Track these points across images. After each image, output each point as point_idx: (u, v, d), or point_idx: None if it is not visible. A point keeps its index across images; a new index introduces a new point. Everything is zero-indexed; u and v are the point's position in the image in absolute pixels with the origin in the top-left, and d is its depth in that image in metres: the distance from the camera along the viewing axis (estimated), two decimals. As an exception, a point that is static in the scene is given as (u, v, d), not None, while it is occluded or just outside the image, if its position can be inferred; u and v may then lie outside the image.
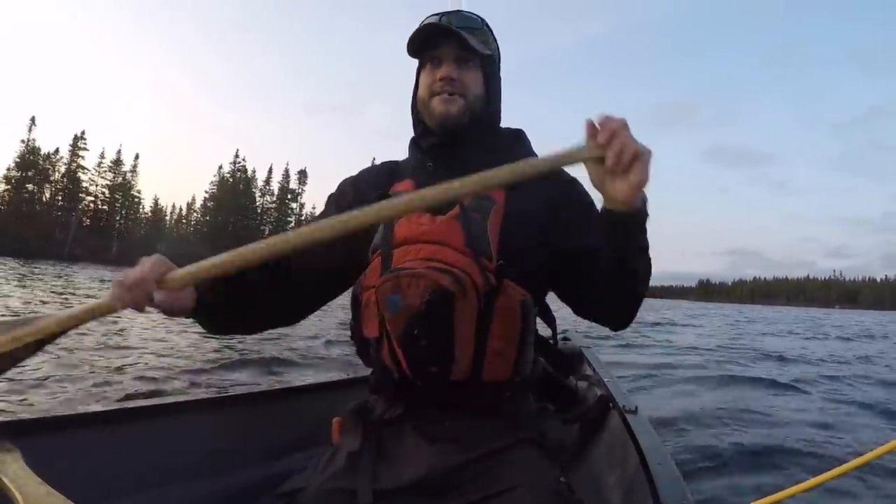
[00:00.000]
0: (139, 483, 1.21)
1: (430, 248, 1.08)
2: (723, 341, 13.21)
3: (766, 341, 14.29)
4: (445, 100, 1.19)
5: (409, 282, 1.02)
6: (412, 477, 1.03)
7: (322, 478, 1.06)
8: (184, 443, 1.32)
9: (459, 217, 1.11)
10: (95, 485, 1.12)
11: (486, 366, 1.07)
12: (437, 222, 1.11)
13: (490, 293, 1.05)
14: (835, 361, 9.80)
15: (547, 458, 1.08)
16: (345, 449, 1.12)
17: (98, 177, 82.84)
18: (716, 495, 2.81)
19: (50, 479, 0.81)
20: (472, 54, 1.20)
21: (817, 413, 4.99)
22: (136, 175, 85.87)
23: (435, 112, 1.20)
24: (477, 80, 1.22)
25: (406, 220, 1.13)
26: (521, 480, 0.99)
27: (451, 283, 1.01)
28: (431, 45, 1.21)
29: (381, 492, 1.02)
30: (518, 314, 1.08)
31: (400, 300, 1.02)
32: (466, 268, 1.04)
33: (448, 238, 1.09)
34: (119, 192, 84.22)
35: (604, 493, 1.36)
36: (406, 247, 1.11)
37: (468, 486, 1.02)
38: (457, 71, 1.19)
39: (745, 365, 8.57)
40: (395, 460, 1.08)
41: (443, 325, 1.02)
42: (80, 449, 1.15)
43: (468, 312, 1.03)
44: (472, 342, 1.05)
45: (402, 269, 1.05)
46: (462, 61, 1.20)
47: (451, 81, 1.18)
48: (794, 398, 5.86)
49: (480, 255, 1.07)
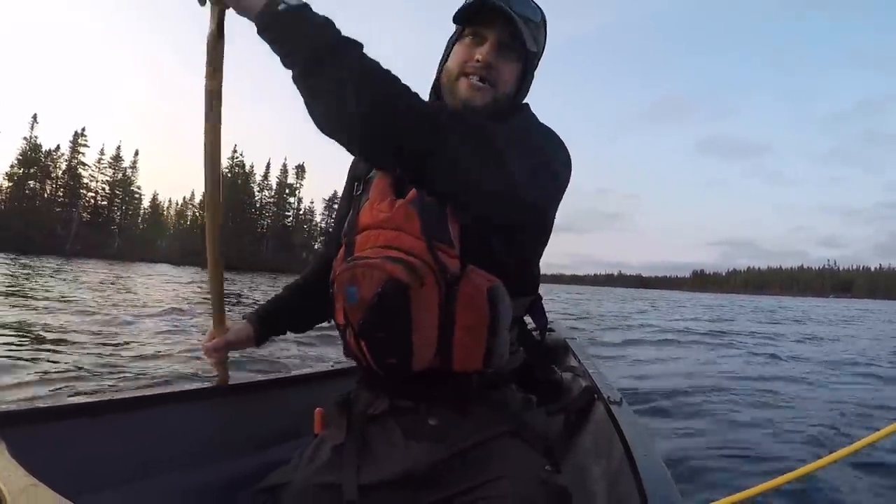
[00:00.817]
0: (124, 474, 1.21)
1: (389, 235, 1.03)
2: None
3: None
4: (475, 85, 1.10)
5: (364, 272, 0.98)
6: (396, 471, 1.04)
7: (307, 472, 1.07)
8: (169, 434, 1.31)
9: (414, 201, 1.04)
10: (81, 476, 1.11)
11: (455, 355, 1.03)
12: (395, 208, 1.05)
13: (452, 282, 1.00)
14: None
15: (531, 449, 1.06)
16: (329, 442, 1.12)
17: (98, 173, 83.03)
18: (701, 485, 2.83)
19: (35, 470, 0.81)
20: (520, 45, 1.11)
21: (811, 403, 5.08)
22: (137, 171, 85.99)
23: (459, 94, 1.12)
24: (513, 74, 1.14)
25: (368, 206, 1.09)
26: (505, 471, 0.99)
27: (404, 274, 0.96)
28: (481, 19, 1.11)
29: (365, 486, 1.02)
30: (485, 302, 1.01)
31: (356, 291, 0.99)
32: (423, 255, 0.99)
33: (404, 225, 1.03)
34: (119, 188, 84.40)
35: (589, 484, 1.35)
36: (367, 233, 1.07)
37: (452, 478, 1.02)
38: (497, 57, 1.10)
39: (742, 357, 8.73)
40: (379, 454, 1.08)
41: (399, 316, 0.98)
42: (66, 440, 1.13)
43: (428, 302, 0.99)
44: (434, 332, 1.01)
45: (359, 258, 1.02)
46: (505, 49, 1.11)
47: (487, 67, 1.10)
48: (789, 386, 6.01)
49: (439, 240, 1.01)
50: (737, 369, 7.20)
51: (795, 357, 9.00)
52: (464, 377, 1.07)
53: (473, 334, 1.02)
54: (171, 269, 42.64)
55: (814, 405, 5.06)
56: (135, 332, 7.03)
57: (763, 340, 11.75)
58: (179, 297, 14.07)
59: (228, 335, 1.32)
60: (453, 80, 1.13)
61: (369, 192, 1.12)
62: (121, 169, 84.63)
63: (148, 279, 23.87)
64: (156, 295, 14.18)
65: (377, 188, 1.11)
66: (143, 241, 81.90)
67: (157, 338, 6.66)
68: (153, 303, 11.54)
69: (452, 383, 1.08)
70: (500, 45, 1.11)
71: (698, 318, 18.08)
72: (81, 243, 72.84)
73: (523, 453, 1.05)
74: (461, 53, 1.13)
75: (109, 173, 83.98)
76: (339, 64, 0.88)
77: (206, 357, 1.34)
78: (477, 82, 1.10)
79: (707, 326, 15.20)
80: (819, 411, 4.77)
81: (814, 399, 5.37)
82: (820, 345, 11.66)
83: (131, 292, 14.65)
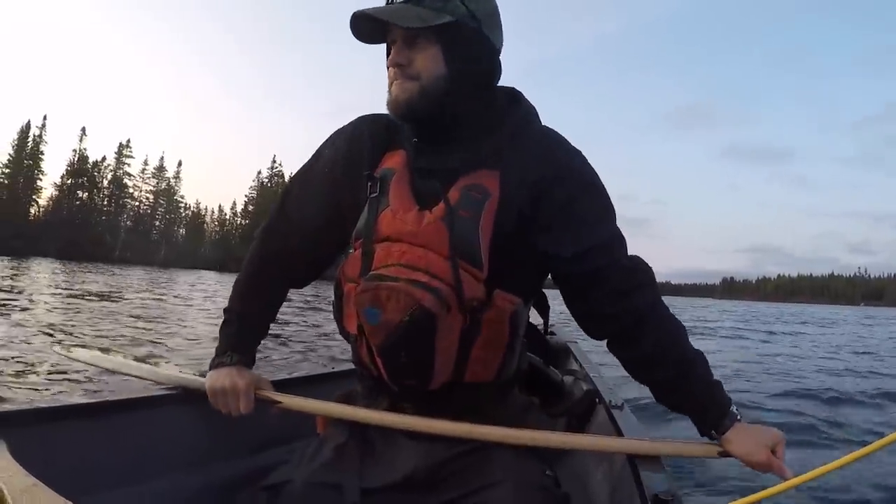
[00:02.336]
0: (126, 475, 1.19)
1: (414, 253, 0.98)
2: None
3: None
4: (394, 86, 1.03)
5: (388, 295, 0.94)
6: (398, 474, 1.03)
7: (308, 471, 1.04)
8: (170, 434, 1.29)
9: (445, 218, 0.99)
10: (81, 477, 1.08)
11: (469, 370, 1.03)
12: (424, 222, 0.99)
13: (477, 309, 0.99)
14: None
15: (532, 453, 1.05)
16: (331, 441, 1.10)
17: (142, 182, 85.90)
18: (704, 490, 2.80)
19: (36, 470, 0.81)
20: (422, 31, 1.00)
21: (812, 405, 5.00)
22: (180, 181, 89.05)
23: (389, 99, 1.04)
24: (433, 58, 1.02)
25: (391, 213, 1.02)
26: (507, 475, 0.98)
27: (433, 303, 0.93)
28: (378, 30, 1.04)
29: (367, 490, 1.01)
30: (507, 326, 1.03)
31: (379, 314, 0.95)
32: (451, 281, 0.96)
33: (433, 242, 0.98)
34: (163, 198, 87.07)
35: (590, 488, 1.35)
36: (388, 244, 1.01)
37: (454, 482, 1.02)
38: (406, 54, 1.02)
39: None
40: (381, 457, 1.07)
41: (423, 344, 0.97)
42: (66, 441, 1.11)
43: (452, 328, 0.98)
44: (454, 354, 1.00)
45: (382, 277, 0.97)
46: (410, 40, 1.01)
47: (399, 67, 1.02)
48: (791, 388, 5.95)
49: (468, 262, 0.98)
50: (744, 373, 7.08)
51: (822, 369, 8.54)
52: (474, 388, 1.07)
53: (491, 353, 1.04)
54: (219, 276, 43.42)
55: (827, 411, 4.98)
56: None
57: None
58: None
59: (248, 390, 1.19)
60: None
61: (388, 197, 1.05)
62: (164, 179, 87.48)
63: (221, 286, 24.83)
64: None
65: (398, 194, 1.05)
66: (186, 249, 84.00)
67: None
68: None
69: (461, 394, 1.07)
70: (404, 40, 1.02)
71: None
72: (129, 251, 75.76)
73: (524, 459, 1.03)
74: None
75: (153, 183, 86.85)
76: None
77: (244, 410, 1.19)
78: (396, 82, 1.03)
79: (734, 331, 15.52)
80: (828, 417, 4.72)
81: (826, 406, 5.24)
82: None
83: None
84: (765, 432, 1.04)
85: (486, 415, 1.07)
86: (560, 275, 1.10)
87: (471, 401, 1.09)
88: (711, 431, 1.06)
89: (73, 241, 67.61)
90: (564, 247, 1.05)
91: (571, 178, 1.07)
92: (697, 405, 1.07)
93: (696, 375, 1.06)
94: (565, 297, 1.13)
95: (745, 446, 1.02)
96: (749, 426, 1.05)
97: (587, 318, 1.12)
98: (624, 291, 1.05)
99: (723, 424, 1.04)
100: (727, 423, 1.04)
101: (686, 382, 1.06)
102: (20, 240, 61.34)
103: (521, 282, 1.06)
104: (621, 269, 1.06)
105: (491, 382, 1.08)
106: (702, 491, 2.79)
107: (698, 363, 1.07)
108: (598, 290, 1.06)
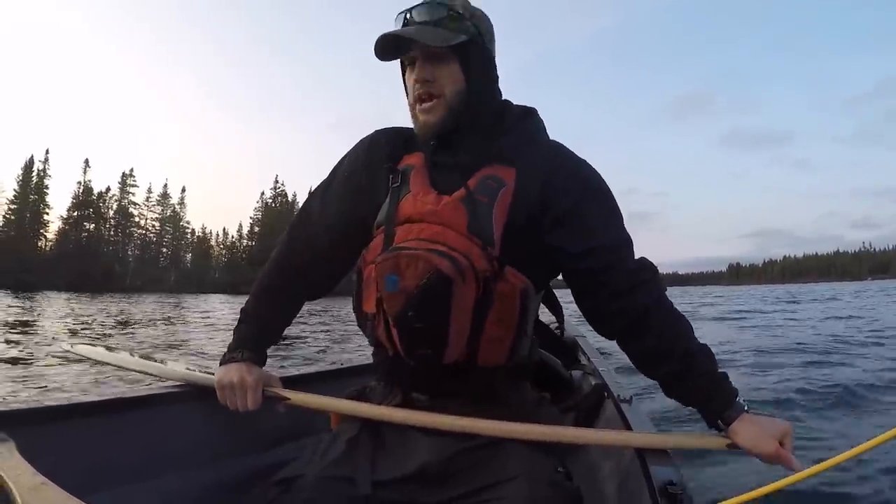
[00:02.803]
0: (135, 472, 1.19)
1: (433, 229, 1.05)
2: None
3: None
4: (423, 108, 1.12)
5: (408, 262, 1.00)
6: (410, 467, 1.05)
7: (321, 464, 1.06)
8: (179, 432, 1.29)
9: (465, 200, 1.07)
10: (90, 475, 1.09)
11: (481, 350, 1.07)
12: (442, 203, 1.07)
13: (490, 279, 1.04)
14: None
15: (544, 448, 1.06)
16: (343, 435, 1.12)
17: (147, 210, 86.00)
18: (712, 484, 2.78)
19: (44, 469, 0.82)
20: (444, 48, 1.10)
21: (821, 398, 4.84)
22: (185, 206, 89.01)
23: (419, 122, 1.15)
24: (454, 73, 1.12)
25: (412, 197, 1.10)
26: (520, 470, 0.99)
27: (450, 269, 0.99)
28: (402, 50, 1.13)
29: (379, 482, 1.03)
30: (517, 302, 1.07)
31: (398, 280, 1.00)
32: (467, 252, 1.02)
33: (451, 221, 1.05)
34: (169, 224, 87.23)
35: (599, 482, 1.36)
36: (409, 225, 1.08)
37: (466, 476, 1.03)
38: (431, 70, 1.11)
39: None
40: (393, 450, 1.09)
41: (439, 309, 1.01)
42: (75, 439, 1.11)
43: (466, 298, 1.02)
44: (467, 327, 1.04)
45: (402, 248, 1.02)
46: (432, 58, 1.11)
47: (425, 83, 1.11)
48: (804, 382, 5.67)
49: (483, 240, 1.04)
50: (751, 367, 6.85)
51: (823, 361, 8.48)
52: (487, 372, 1.10)
53: (502, 330, 1.07)
54: (231, 299, 42.99)
55: (831, 404, 4.81)
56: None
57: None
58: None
59: (257, 386, 1.22)
60: (413, 109, 1.16)
61: (409, 185, 1.13)
62: (169, 206, 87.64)
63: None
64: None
65: (417, 181, 1.13)
66: (195, 275, 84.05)
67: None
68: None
69: (475, 378, 1.10)
70: (426, 58, 1.11)
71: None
72: (140, 279, 75.95)
73: (536, 454, 1.04)
74: (408, 82, 1.16)
75: (158, 210, 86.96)
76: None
77: (252, 406, 1.21)
78: (424, 104, 1.12)
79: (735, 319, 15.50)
80: (836, 412, 4.57)
81: (830, 400, 5.03)
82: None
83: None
84: (772, 424, 1.05)
85: (500, 402, 1.12)
86: (567, 270, 1.15)
87: (484, 386, 1.12)
88: (718, 423, 1.07)
89: (83, 272, 67.65)
90: (571, 244, 1.11)
91: (579, 185, 1.14)
92: (703, 397, 1.09)
93: (701, 368, 1.08)
94: (574, 293, 1.18)
95: (753, 438, 1.03)
96: (756, 418, 1.06)
97: (594, 315, 1.17)
98: (628, 289, 1.10)
99: (730, 416, 1.05)
100: (734, 414, 1.05)
101: (691, 375, 1.08)
102: (31, 274, 61.39)
103: (531, 268, 1.10)
104: (625, 268, 1.11)
105: (503, 367, 1.12)
106: (711, 483, 2.78)
107: (703, 356, 1.09)
108: (604, 288, 1.11)
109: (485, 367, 1.10)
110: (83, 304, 25.59)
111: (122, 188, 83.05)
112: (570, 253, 1.11)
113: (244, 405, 1.19)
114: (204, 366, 1.59)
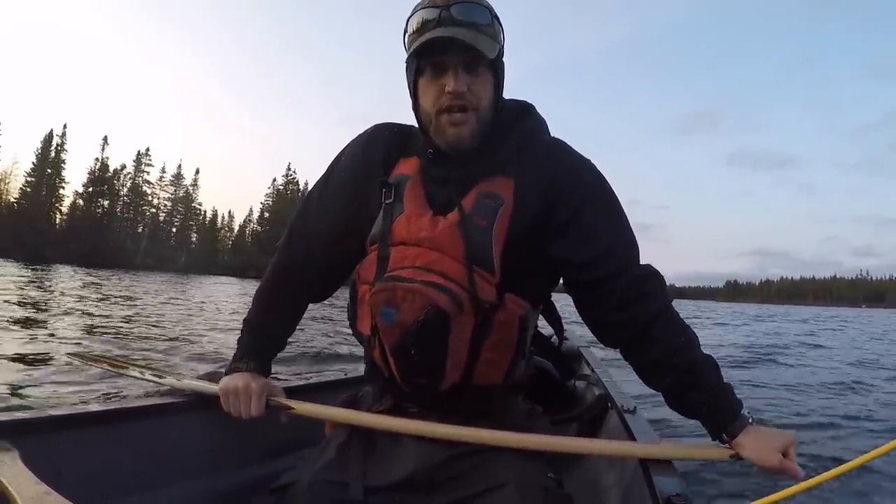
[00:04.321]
0: (137, 483, 1.18)
1: (430, 256, 1.02)
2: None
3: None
4: (455, 121, 1.04)
5: (404, 296, 0.97)
6: (401, 474, 1.03)
7: (313, 470, 1.05)
8: (182, 442, 1.28)
9: (461, 224, 1.02)
10: (93, 484, 1.09)
11: (477, 373, 1.06)
12: (438, 229, 1.03)
13: (489, 309, 1.02)
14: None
15: (534, 457, 1.05)
16: (335, 441, 1.11)
17: (160, 190, 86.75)
18: (717, 494, 2.79)
19: (47, 478, 0.81)
20: (484, 57, 1.02)
21: (820, 412, 4.91)
22: (198, 188, 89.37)
23: (446, 135, 1.06)
24: (487, 85, 1.07)
25: (405, 218, 1.06)
26: (510, 477, 0.98)
27: (448, 303, 0.97)
28: (437, 50, 1.02)
29: (370, 488, 1.01)
30: (516, 328, 1.06)
31: (394, 314, 0.98)
32: (466, 283, 0.99)
33: (448, 247, 1.02)
34: (181, 205, 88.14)
35: (602, 493, 1.34)
36: (404, 248, 1.04)
37: (456, 483, 1.02)
38: (469, 80, 1.03)
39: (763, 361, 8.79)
40: (385, 456, 1.08)
41: (436, 343, 1.00)
42: (77, 448, 1.10)
43: (464, 329, 1.01)
44: (465, 356, 1.03)
45: (398, 279, 1.00)
46: (472, 67, 1.03)
47: (460, 95, 1.02)
48: (801, 396, 5.86)
49: (482, 267, 1.01)
50: (757, 378, 7.07)
51: (815, 365, 8.79)
52: (482, 392, 1.10)
53: (500, 354, 1.07)
54: (240, 282, 43.62)
55: (836, 412, 4.95)
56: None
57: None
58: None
59: (260, 394, 1.21)
60: (432, 119, 1.07)
61: (403, 203, 1.08)
62: (182, 186, 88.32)
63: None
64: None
65: (412, 199, 1.08)
66: (205, 256, 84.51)
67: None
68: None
69: (469, 398, 1.09)
70: (466, 66, 1.03)
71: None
72: (149, 257, 76.64)
73: (527, 461, 1.04)
74: (431, 91, 1.06)
75: (171, 190, 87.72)
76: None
77: (255, 413, 1.20)
78: (456, 115, 1.04)
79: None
80: (839, 420, 4.66)
81: (835, 407, 5.18)
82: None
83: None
84: (776, 435, 1.04)
85: (493, 420, 1.09)
86: (571, 281, 1.13)
87: (478, 405, 1.12)
88: (722, 435, 1.07)
89: (96, 248, 68.45)
90: (575, 254, 1.08)
91: (581, 186, 1.10)
92: (707, 409, 1.07)
93: (705, 380, 1.07)
94: (577, 304, 1.15)
95: (757, 449, 1.02)
96: (760, 429, 1.06)
97: (598, 326, 1.14)
98: (632, 300, 1.07)
99: (733, 427, 1.05)
100: (738, 426, 1.05)
101: (696, 387, 1.07)
102: (46, 248, 62.09)
103: (532, 287, 1.10)
104: (630, 277, 1.08)
105: (499, 386, 1.11)
106: (715, 494, 2.79)
107: (708, 368, 1.08)
108: (609, 298, 1.08)
109: (481, 388, 1.09)
110: (102, 279, 25.62)
111: (137, 167, 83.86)
112: (574, 264, 1.09)
113: (247, 412, 1.18)
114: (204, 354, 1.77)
